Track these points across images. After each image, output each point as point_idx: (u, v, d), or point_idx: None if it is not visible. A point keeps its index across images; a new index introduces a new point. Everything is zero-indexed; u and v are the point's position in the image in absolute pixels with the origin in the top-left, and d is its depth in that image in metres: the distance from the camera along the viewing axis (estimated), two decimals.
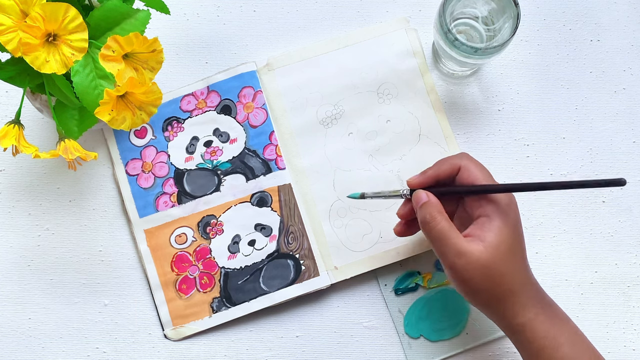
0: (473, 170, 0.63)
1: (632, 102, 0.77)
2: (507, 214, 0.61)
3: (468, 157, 0.64)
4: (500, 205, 0.61)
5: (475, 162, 0.64)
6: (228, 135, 0.75)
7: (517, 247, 0.62)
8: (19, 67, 0.60)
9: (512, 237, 0.61)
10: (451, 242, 0.61)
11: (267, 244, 0.73)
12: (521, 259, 0.62)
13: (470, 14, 0.72)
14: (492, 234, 0.61)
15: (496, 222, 0.61)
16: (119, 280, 0.74)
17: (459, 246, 0.60)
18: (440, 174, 0.64)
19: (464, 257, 0.60)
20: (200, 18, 0.77)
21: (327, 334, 0.73)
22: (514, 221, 0.62)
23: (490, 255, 0.60)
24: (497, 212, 0.61)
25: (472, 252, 0.60)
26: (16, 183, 0.75)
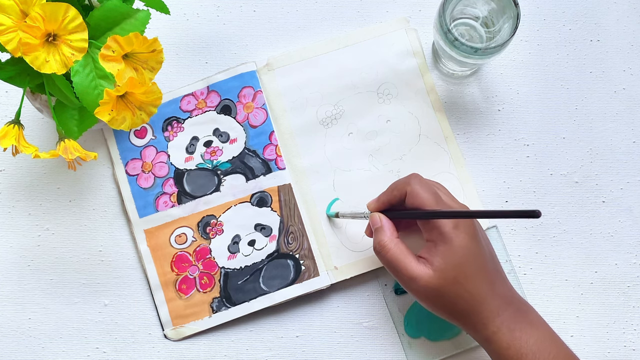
0: (419, 194, 0.63)
1: (632, 102, 0.77)
2: (451, 239, 0.61)
3: (416, 180, 0.64)
4: (444, 230, 0.62)
5: (423, 185, 0.64)
6: (228, 135, 0.75)
7: (470, 265, 0.62)
8: (19, 67, 0.60)
9: (461, 257, 0.61)
10: (402, 268, 0.63)
11: (267, 244, 0.73)
12: (477, 275, 0.62)
13: (470, 14, 0.72)
14: (438, 259, 0.62)
15: (441, 247, 0.62)
16: (119, 280, 0.74)
17: (410, 271, 0.62)
18: (391, 199, 0.66)
19: (414, 282, 0.62)
20: (200, 18, 0.77)
21: (327, 334, 0.73)
22: (462, 243, 0.61)
23: (438, 280, 0.61)
24: (441, 237, 0.62)
25: (422, 277, 0.62)
26: (16, 183, 0.75)
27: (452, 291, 0.61)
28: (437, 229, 0.62)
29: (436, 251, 0.62)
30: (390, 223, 0.65)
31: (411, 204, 0.64)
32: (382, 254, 0.64)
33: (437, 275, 0.61)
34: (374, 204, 0.67)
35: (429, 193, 0.63)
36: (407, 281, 0.63)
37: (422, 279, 0.61)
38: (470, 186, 0.75)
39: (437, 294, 0.62)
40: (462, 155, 0.75)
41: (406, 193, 0.64)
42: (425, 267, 0.62)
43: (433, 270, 0.61)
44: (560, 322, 0.73)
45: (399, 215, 0.66)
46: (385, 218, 0.66)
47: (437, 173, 0.75)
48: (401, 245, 0.64)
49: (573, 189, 0.76)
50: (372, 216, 0.66)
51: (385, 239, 0.64)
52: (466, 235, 0.62)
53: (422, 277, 0.61)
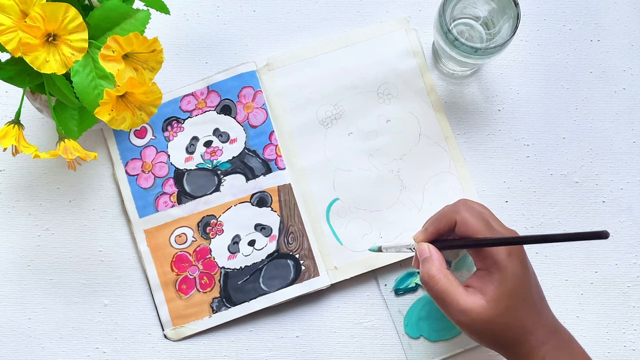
0: (470, 222, 0.62)
1: (632, 102, 0.77)
2: (505, 267, 0.60)
3: (465, 207, 0.63)
4: (498, 259, 0.61)
5: (472, 212, 0.63)
6: (228, 135, 0.75)
7: (521, 294, 0.61)
8: (19, 67, 0.60)
9: (515, 286, 0.61)
10: (452, 300, 0.61)
11: (267, 244, 0.73)
12: (527, 304, 0.61)
13: (470, 14, 0.72)
14: (492, 288, 0.60)
15: (495, 275, 0.61)
16: (119, 280, 0.74)
17: (461, 304, 0.60)
18: (440, 229, 0.64)
19: (465, 315, 0.60)
20: (200, 18, 0.77)
21: (327, 334, 0.73)
22: (515, 271, 0.61)
23: (491, 310, 0.60)
24: (495, 265, 0.61)
25: (473, 309, 0.60)
26: (16, 183, 0.75)
27: (503, 321, 0.60)
28: (490, 257, 0.61)
29: (490, 280, 0.60)
30: (439, 253, 0.63)
31: (462, 232, 0.62)
32: (430, 285, 0.62)
33: (491, 305, 0.60)
34: (421, 235, 0.65)
35: (479, 220, 0.62)
36: (457, 314, 0.61)
37: (473, 311, 0.60)
38: (470, 186, 0.75)
39: (487, 325, 0.60)
40: (462, 155, 0.75)
41: (455, 222, 0.63)
42: (476, 297, 0.60)
43: (486, 301, 0.60)
44: (560, 322, 0.73)
45: (449, 245, 0.64)
46: (434, 248, 0.63)
47: (437, 173, 0.75)
48: (450, 276, 0.62)
49: (573, 189, 0.76)
50: (420, 246, 0.64)
51: (434, 269, 0.62)
52: (519, 262, 0.61)
53: (474, 309, 0.60)
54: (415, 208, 0.74)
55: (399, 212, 0.74)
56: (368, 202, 0.74)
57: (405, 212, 0.74)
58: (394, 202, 0.74)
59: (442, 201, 0.74)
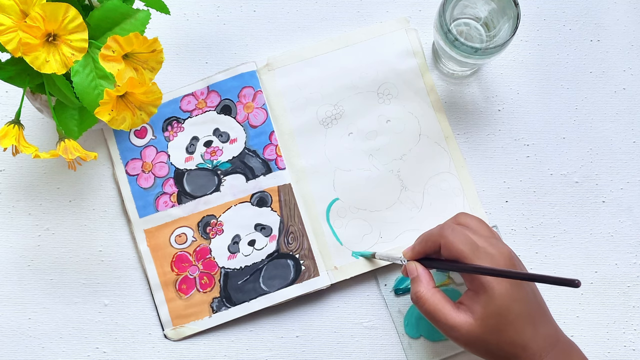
0: (453, 247, 0.62)
1: (632, 102, 0.77)
2: (492, 289, 0.61)
3: (450, 230, 0.63)
4: (484, 280, 0.61)
5: (457, 235, 0.63)
6: (228, 135, 0.75)
7: (512, 313, 0.61)
8: (19, 67, 0.60)
9: (502, 306, 0.61)
10: (441, 318, 0.62)
11: (267, 244, 0.73)
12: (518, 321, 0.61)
13: (470, 14, 0.72)
14: (479, 308, 0.61)
15: (482, 296, 0.61)
16: (119, 280, 0.74)
17: (449, 321, 0.62)
18: (426, 250, 0.65)
19: (454, 331, 0.62)
20: (200, 18, 0.77)
21: (327, 334, 0.73)
22: (503, 291, 0.61)
23: (479, 328, 0.61)
24: (482, 287, 0.61)
25: (463, 326, 0.61)
26: (16, 183, 0.75)
27: (494, 339, 0.61)
28: (477, 279, 0.61)
29: (477, 300, 0.61)
30: (426, 272, 0.65)
31: (447, 255, 0.63)
32: (419, 304, 0.64)
33: (478, 323, 0.61)
34: (410, 253, 0.67)
35: (464, 244, 0.62)
36: (448, 330, 0.62)
37: (462, 328, 0.61)
38: (470, 186, 0.75)
39: (478, 341, 0.61)
40: (462, 155, 0.75)
41: (439, 245, 0.63)
42: (466, 315, 0.61)
43: (474, 319, 0.61)
44: (560, 322, 0.73)
45: (435, 265, 0.65)
46: (421, 267, 0.65)
47: (437, 173, 0.75)
48: (438, 294, 0.63)
49: (573, 189, 0.76)
50: (409, 265, 0.66)
51: (422, 289, 0.64)
52: (507, 283, 0.61)
53: (462, 326, 0.61)
54: (415, 208, 0.74)
55: (399, 212, 0.74)
56: (368, 202, 0.74)
57: (405, 212, 0.74)
58: (394, 202, 0.74)
59: (442, 201, 0.74)
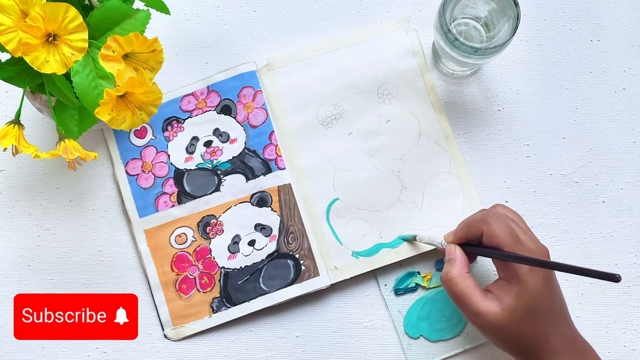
0: (496, 234, 0.62)
1: (632, 102, 0.77)
2: (526, 282, 0.61)
3: (494, 218, 0.64)
4: (519, 272, 0.62)
5: (501, 224, 0.63)
6: (228, 135, 0.75)
7: (539, 310, 0.62)
8: (19, 67, 0.60)
9: (532, 299, 0.61)
10: (467, 302, 0.62)
11: (267, 244, 0.73)
12: (543, 316, 0.62)
13: (470, 14, 0.72)
14: (510, 298, 0.61)
15: (514, 287, 0.62)
16: (119, 280, 0.74)
17: (475, 307, 0.62)
18: (468, 236, 0.65)
19: (479, 318, 0.62)
20: (200, 18, 0.77)
21: (327, 334, 0.73)
22: (535, 286, 0.62)
23: (505, 318, 0.61)
24: (515, 278, 0.62)
25: (488, 313, 0.62)
26: (16, 183, 0.75)
27: (516, 330, 0.62)
28: (512, 270, 0.62)
29: (508, 290, 0.62)
30: (463, 257, 0.65)
31: (488, 242, 0.63)
32: (447, 285, 0.64)
33: (505, 314, 0.61)
34: (451, 237, 0.67)
35: (507, 233, 0.62)
36: (472, 316, 0.63)
37: (487, 315, 0.61)
38: (470, 186, 0.75)
39: (500, 330, 0.62)
40: (462, 155, 0.75)
41: (482, 232, 0.64)
42: (493, 303, 0.62)
43: (501, 309, 0.61)
44: None
45: (476, 252, 0.65)
46: (459, 250, 0.65)
47: (437, 173, 0.75)
48: (469, 280, 0.63)
49: (573, 189, 0.76)
50: (449, 247, 0.66)
51: (454, 272, 0.64)
52: (540, 278, 0.62)
53: (488, 314, 0.61)
54: (415, 208, 0.74)
55: (399, 212, 0.74)
56: (368, 202, 0.74)
57: (405, 212, 0.74)
58: (394, 202, 0.74)
59: (442, 201, 0.74)
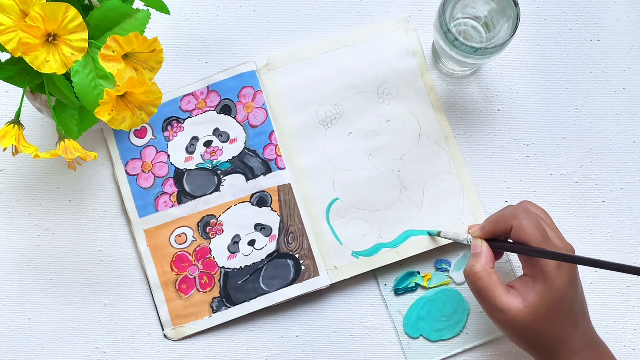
0: (526, 230, 0.62)
1: (632, 102, 0.77)
2: (552, 280, 0.61)
3: (525, 214, 0.63)
4: (546, 270, 0.61)
5: (531, 220, 0.63)
6: (228, 135, 0.75)
7: (561, 306, 0.62)
8: (19, 67, 0.60)
9: (556, 298, 0.61)
10: (491, 298, 0.62)
11: (267, 244, 0.73)
12: (565, 316, 0.62)
13: (470, 14, 0.72)
14: (534, 296, 0.61)
15: (540, 285, 0.61)
16: (119, 280, 0.74)
17: (498, 303, 0.62)
18: (497, 231, 0.65)
19: (501, 314, 0.62)
20: (200, 18, 0.77)
21: (327, 334, 0.73)
22: (561, 286, 0.61)
23: (528, 316, 0.61)
24: (542, 275, 0.61)
25: (510, 310, 0.61)
26: (16, 183, 0.75)
27: (537, 327, 0.61)
28: (539, 267, 0.61)
29: (533, 287, 0.62)
30: (489, 253, 0.65)
31: (517, 238, 0.63)
32: (471, 280, 0.64)
33: (528, 311, 0.61)
34: (478, 232, 0.66)
35: (536, 230, 0.62)
36: (493, 311, 0.62)
37: (510, 312, 0.61)
38: (470, 186, 0.75)
39: (521, 327, 0.62)
40: (462, 155, 0.75)
41: (512, 227, 0.63)
42: (516, 300, 0.62)
43: (524, 306, 0.61)
44: None
45: (502, 247, 0.65)
46: (486, 246, 0.65)
47: (437, 173, 0.75)
48: (494, 275, 0.63)
49: (573, 189, 0.76)
50: (475, 242, 0.66)
51: (478, 266, 0.63)
52: (567, 277, 0.62)
53: (511, 311, 0.61)
54: (415, 208, 0.74)
55: (399, 212, 0.74)
56: (368, 202, 0.74)
57: (405, 212, 0.74)
58: (394, 202, 0.74)
59: (442, 201, 0.74)
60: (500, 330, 0.64)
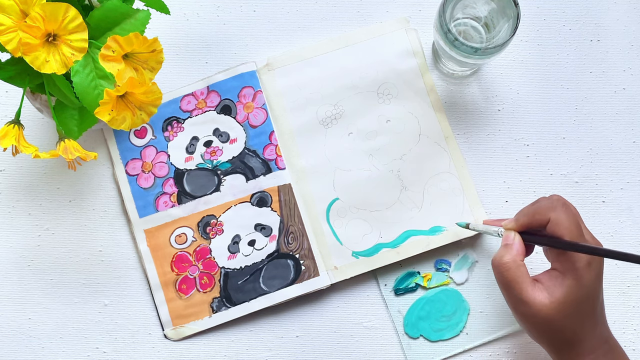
0: (563, 223, 0.62)
1: (632, 102, 0.77)
2: (582, 276, 0.61)
3: (562, 207, 0.63)
4: (577, 265, 0.61)
5: (568, 213, 0.62)
6: (228, 135, 0.75)
7: (586, 304, 0.62)
8: (19, 67, 0.60)
9: (582, 296, 0.61)
10: (517, 290, 0.62)
11: (267, 244, 0.73)
12: (588, 314, 0.62)
13: (470, 14, 0.72)
14: (561, 291, 0.61)
15: (568, 281, 0.61)
16: (119, 280, 0.74)
17: (524, 295, 0.61)
18: (532, 223, 0.64)
19: (525, 307, 0.61)
20: (200, 18, 0.77)
21: (327, 334, 0.73)
22: (590, 281, 0.61)
23: (553, 311, 0.61)
24: (572, 271, 0.61)
25: (535, 304, 0.61)
26: (16, 183, 0.75)
27: (560, 324, 0.61)
28: (570, 262, 0.61)
29: (562, 282, 0.61)
30: (521, 245, 0.63)
31: (552, 231, 0.62)
32: (499, 270, 0.63)
33: (553, 307, 0.61)
34: (512, 224, 0.65)
35: (574, 224, 0.62)
36: (517, 304, 0.62)
37: (535, 306, 0.61)
38: (470, 186, 0.75)
39: (543, 322, 0.61)
40: (462, 155, 0.75)
41: (549, 220, 0.62)
42: (542, 294, 0.61)
43: (550, 301, 0.61)
44: None
45: (535, 240, 0.64)
46: (519, 239, 0.64)
47: (437, 173, 0.75)
48: (523, 268, 0.62)
49: (573, 189, 0.76)
50: (508, 233, 0.65)
51: (508, 257, 0.63)
52: (596, 275, 0.61)
53: (536, 305, 0.61)
54: (415, 208, 0.74)
55: (399, 212, 0.74)
56: (368, 202, 0.74)
57: (405, 212, 0.74)
58: (394, 202, 0.74)
59: (442, 201, 0.74)
60: (520, 322, 0.64)
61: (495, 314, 0.73)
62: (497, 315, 0.73)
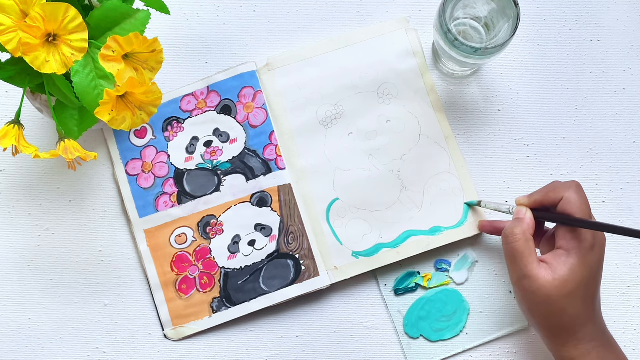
0: (574, 202, 0.62)
1: (632, 102, 0.77)
2: (586, 256, 0.61)
3: (576, 188, 0.64)
4: (583, 244, 0.62)
5: (581, 194, 0.63)
6: (228, 135, 0.75)
7: (587, 287, 0.62)
8: (19, 67, 0.60)
9: (584, 277, 0.61)
10: (522, 262, 0.62)
11: (267, 244, 0.73)
12: (588, 298, 0.62)
13: (470, 14, 0.72)
14: (565, 269, 0.61)
15: (572, 259, 0.61)
16: (119, 280, 0.74)
17: (529, 269, 0.62)
18: (545, 200, 0.65)
19: (529, 281, 0.62)
20: (200, 18, 0.77)
21: (327, 334, 0.73)
22: (592, 263, 0.62)
23: (555, 289, 0.61)
24: (577, 249, 0.62)
25: (538, 279, 0.61)
26: (16, 183, 0.75)
27: (561, 304, 0.61)
28: (575, 241, 0.62)
29: (565, 261, 0.62)
30: (532, 221, 0.64)
31: (563, 209, 0.63)
32: (508, 240, 0.63)
33: (556, 284, 0.61)
34: (525, 200, 0.66)
35: (585, 205, 0.63)
36: (521, 277, 0.62)
37: (537, 281, 0.61)
38: (470, 186, 0.75)
39: (544, 300, 0.61)
40: (462, 155, 0.75)
41: (562, 198, 0.63)
42: (546, 271, 0.61)
43: (553, 278, 0.61)
44: None
45: (547, 217, 0.65)
46: (531, 214, 0.65)
47: (437, 173, 0.75)
48: (531, 243, 0.63)
49: None
50: (520, 208, 0.65)
51: (519, 230, 0.63)
52: (597, 259, 0.62)
53: (538, 280, 0.61)
54: (415, 208, 0.74)
55: (399, 212, 0.74)
56: (368, 202, 0.74)
57: (405, 212, 0.74)
58: (394, 202, 0.74)
59: (442, 201, 0.74)
60: (521, 301, 0.64)
61: (495, 314, 0.73)
62: (497, 315, 0.73)
